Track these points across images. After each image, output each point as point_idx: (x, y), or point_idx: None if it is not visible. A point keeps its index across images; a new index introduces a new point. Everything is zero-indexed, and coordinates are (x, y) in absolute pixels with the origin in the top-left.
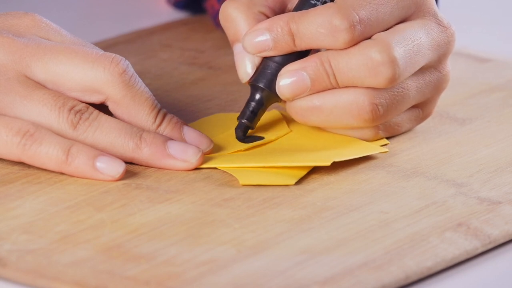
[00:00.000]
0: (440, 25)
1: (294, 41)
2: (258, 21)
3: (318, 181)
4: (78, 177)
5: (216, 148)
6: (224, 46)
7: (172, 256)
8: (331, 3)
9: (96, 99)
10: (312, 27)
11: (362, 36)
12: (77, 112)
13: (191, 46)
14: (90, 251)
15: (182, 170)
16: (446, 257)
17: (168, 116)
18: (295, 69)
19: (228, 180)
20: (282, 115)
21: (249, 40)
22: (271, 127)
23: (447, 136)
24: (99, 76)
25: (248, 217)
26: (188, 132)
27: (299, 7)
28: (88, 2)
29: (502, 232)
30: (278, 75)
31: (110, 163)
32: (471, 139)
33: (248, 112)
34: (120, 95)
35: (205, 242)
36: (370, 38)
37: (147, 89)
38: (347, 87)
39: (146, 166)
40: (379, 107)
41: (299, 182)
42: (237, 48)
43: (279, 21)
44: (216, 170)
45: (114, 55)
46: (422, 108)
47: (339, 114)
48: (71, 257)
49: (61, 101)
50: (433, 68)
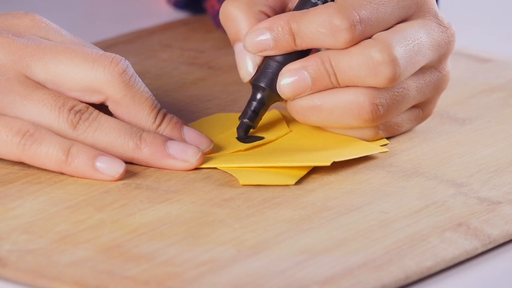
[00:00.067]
0: (441, 25)
1: (294, 40)
2: (259, 20)
3: (318, 181)
4: (78, 177)
5: (216, 148)
6: (224, 46)
7: (172, 256)
8: (332, 2)
9: (96, 99)
10: (313, 27)
11: (363, 36)
12: (77, 112)
13: (191, 46)
14: (90, 251)
15: (182, 170)
16: (446, 257)
17: (168, 116)
18: (296, 68)
19: (228, 180)
20: (282, 115)
21: (250, 39)
22: (271, 127)
23: (447, 136)
24: (99, 76)
25: (248, 217)
26: (188, 132)
27: (300, 6)
28: (88, 2)
29: (502, 232)
30: (279, 74)
31: (110, 163)
32: (471, 139)
33: (249, 112)
34: (120, 95)
35: (205, 242)
36: (370, 37)
37: (147, 89)
38: (347, 86)
39: (146, 166)
40: (379, 107)
41: (299, 182)
42: (238, 48)
43: (279, 20)
44: (216, 170)
45: (114, 55)
46: (422, 108)
47: (339, 114)
48: (71, 257)
49: (61, 101)
50: (433, 68)
